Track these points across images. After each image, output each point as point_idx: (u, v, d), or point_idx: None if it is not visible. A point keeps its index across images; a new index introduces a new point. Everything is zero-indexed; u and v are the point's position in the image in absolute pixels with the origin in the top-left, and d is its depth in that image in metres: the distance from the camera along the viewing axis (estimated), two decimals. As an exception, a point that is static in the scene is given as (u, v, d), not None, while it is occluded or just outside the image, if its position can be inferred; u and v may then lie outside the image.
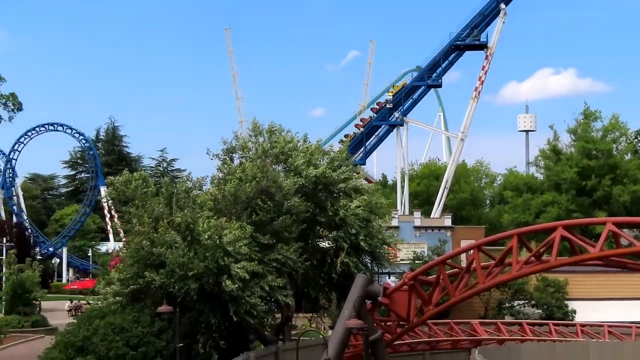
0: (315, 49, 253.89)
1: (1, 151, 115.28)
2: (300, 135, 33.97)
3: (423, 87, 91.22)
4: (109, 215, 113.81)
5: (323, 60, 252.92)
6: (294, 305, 31.39)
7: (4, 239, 76.67)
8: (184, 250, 26.48)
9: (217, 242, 25.91)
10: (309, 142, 33.77)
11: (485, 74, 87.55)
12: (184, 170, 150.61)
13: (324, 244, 33.09)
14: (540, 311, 50.26)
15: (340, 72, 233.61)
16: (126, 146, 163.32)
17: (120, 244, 49.78)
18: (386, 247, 33.71)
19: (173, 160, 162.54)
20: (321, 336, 28.09)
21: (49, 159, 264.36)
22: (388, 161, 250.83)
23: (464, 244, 40.82)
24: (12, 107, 43.07)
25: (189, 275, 25.95)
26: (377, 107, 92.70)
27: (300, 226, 29.89)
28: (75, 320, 30.41)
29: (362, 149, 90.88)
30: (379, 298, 23.58)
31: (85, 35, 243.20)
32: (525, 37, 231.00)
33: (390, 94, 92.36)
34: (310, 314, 37.14)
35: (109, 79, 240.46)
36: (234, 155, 32.94)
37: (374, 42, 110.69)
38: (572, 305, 50.57)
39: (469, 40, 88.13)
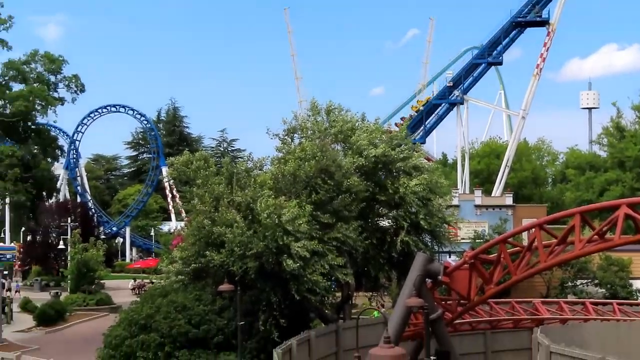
0: (374, 28, 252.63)
1: (65, 133, 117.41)
2: (359, 115, 33.92)
3: (483, 64, 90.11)
4: (170, 195, 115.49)
5: (382, 39, 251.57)
6: (354, 284, 31.43)
7: (69, 218, 78.18)
8: (244, 229, 26.63)
9: (276, 221, 25.99)
10: (367, 121, 33.65)
11: (546, 50, 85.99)
12: (243, 151, 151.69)
13: (384, 223, 33.00)
14: (603, 290, 49.53)
15: (399, 51, 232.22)
16: (187, 127, 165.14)
17: (182, 224, 50.50)
18: (446, 225, 33.47)
19: (233, 140, 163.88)
20: (373, 315, 28.06)
21: (111, 140, 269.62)
22: (448, 140, 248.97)
23: (525, 222, 40.27)
24: (75, 89, 43.82)
25: (248, 254, 26.13)
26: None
27: (359, 205, 29.84)
28: (138, 299, 30.91)
29: (422, 127, 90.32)
30: (439, 277, 23.46)
31: (146, 17, 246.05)
32: (588, 12, 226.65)
33: (450, 74, 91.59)
34: (370, 293, 37.13)
35: (170, 60, 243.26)
36: (294, 134, 33.00)
37: (433, 19, 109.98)
38: (636, 284, 49.71)
39: (530, 17, 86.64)
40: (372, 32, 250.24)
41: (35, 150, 44.34)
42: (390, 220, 32.51)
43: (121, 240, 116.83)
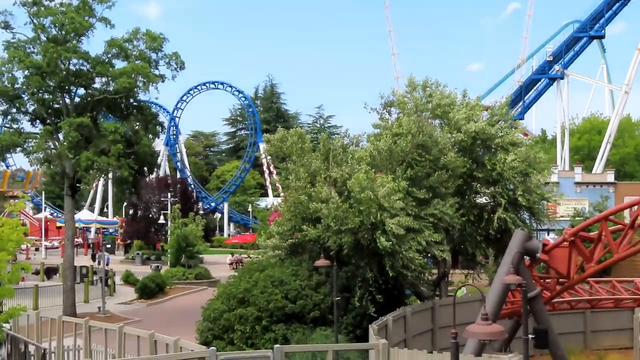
0: (473, 3, 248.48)
1: (165, 109, 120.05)
2: (460, 91, 33.60)
3: (585, 38, 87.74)
4: (267, 171, 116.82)
5: (481, 14, 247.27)
6: (450, 261, 31.24)
7: (169, 194, 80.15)
8: (339, 205, 26.73)
9: (371, 196, 25.98)
10: (468, 98, 33.28)
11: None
12: (340, 127, 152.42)
13: (481, 200, 32.64)
14: None
15: (499, 26, 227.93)
16: (284, 103, 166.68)
17: (279, 199, 51.05)
18: (545, 202, 32.86)
19: (330, 116, 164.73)
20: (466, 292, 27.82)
21: (210, 117, 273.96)
22: (548, 116, 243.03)
23: (628, 200, 39.11)
24: (175, 66, 44.51)
25: (344, 229, 26.22)
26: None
27: (456, 181, 29.59)
28: (236, 273, 31.40)
29: (521, 103, 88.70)
30: (538, 254, 23.05)
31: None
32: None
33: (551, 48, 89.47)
34: (467, 270, 36.85)
35: (268, 37, 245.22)
36: (390, 109, 32.91)
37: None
38: None
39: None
40: (470, 7, 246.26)
41: (137, 127, 45.36)
42: (487, 197, 32.15)
43: (219, 215, 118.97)
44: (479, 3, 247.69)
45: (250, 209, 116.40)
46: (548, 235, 50.37)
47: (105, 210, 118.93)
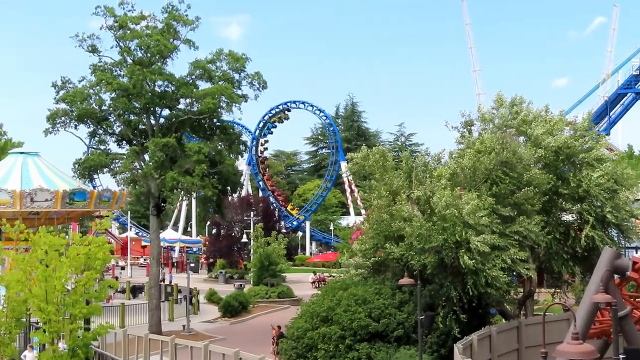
0: (556, 16, 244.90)
1: (247, 129, 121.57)
2: (542, 107, 33.28)
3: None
4: (349, 190, 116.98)
5: (565, 28, 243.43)
6: (536, 279, 30.89)
7: (251, 213, 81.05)
8: (423, 223, 26.75)
9: (456, 214, 25.94)
10: (551, 113, 32.94)
11: None
12: (421, 144, 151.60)
13: (567, 217, 32.18)
14: None
15: (584, 40, 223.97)
16: (365, 122, 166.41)
17: (361, 218, 51.16)
18: (634, 220, 32.19)
19: (411, 134, 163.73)
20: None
21: (291, 136, 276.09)
22: (635, 131, 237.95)
23: None
24: (257, 86, 45.22)
25: (427, 248, 26.23)
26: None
27: (541, 198, 29.28)
28: (319, 292, 31.64)
29: (606, 118, 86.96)
30: (628, 272, 22.66)
31: (323, 17, 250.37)
32: None
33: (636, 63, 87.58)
34: (553, 289, 36.30)
35: (347, 56, 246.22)
36: (472, 127, 32.83)
37: (617, 7, 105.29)
38: None
39: None
40: (554, 21, 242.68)
41: (220, 147, 46.21)
42: (574, 214, 31.68)
43: (301, 234, 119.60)
44: (563, 17, 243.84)
45: (332, 228, 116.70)
46: (637, 253, 49.15)
47: (189, 229, 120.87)
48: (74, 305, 25.30)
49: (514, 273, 28.14)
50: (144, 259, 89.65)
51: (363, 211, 68.17)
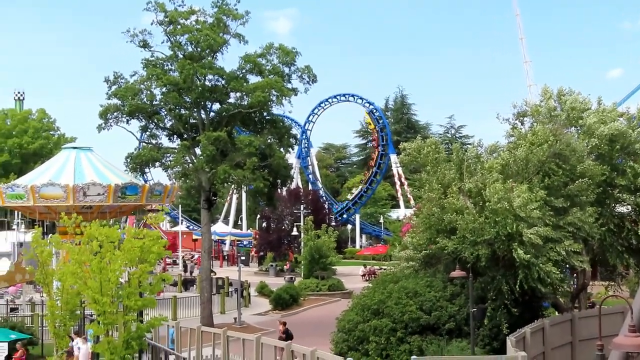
0: (611, 5, 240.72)
1: (297, 123, 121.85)
2: (595, 98, 32.85)
3: None
4: (399, 183, 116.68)
5: (620, 18, 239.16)
6: (589, 271, 30.56)
7: (301, 206, 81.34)
8: (475, 216, 26.67)
9: (507, 207, 25.80)
10: (603, 105, 32.49)
11: None
12: (471, 137, 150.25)
13: (622, 209, 31.74)
14: None
15: (638, 31, 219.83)
16: (414, 114, 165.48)
17: (411, 211, 51.09)
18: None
19: (461, 126, 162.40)
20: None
21: (340, 129, 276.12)
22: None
23: None
24: (307, 80, 45.38)
25: (480, 241, 26.14)
26: None
27: (595, 190, 28.93)
28: (370, 285, 31.69)
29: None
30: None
31: (371, 8, 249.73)
32: None
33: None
34: (607, 282, 35.86)
35: (397, 49, 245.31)
36: (524, 119, 32.56)
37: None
38: None
39: None
40: (608, 10, 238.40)
41: (270, 140, 46.48)
42: (629, 206, 31.24)
43: (351, 227, 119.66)
44: (615, 6, 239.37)
45: (381, 221, 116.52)
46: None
47: (239, 222, 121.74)
48: (128, 297, 25.68)
49: (567, 266, 27.87)
50: (188, 258, 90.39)
51: (413, 204, 68.02)
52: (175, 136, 47.13)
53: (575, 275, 31.73)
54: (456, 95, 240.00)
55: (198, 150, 45.08)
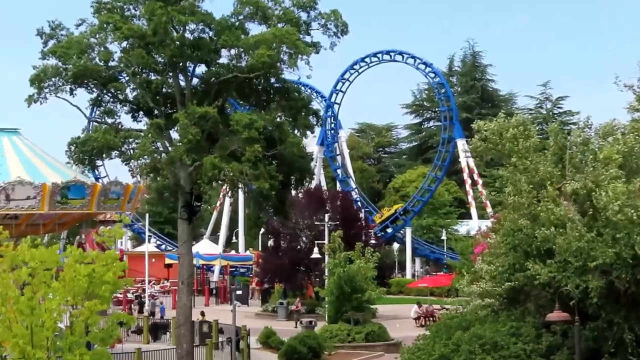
0: None
1: (320, 93, 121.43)
2: None
3: None
4: (470, 181, 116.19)
5: None
6: None
7: (326, 215, 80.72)
8: (582, 231, 26.52)
9: (633, 217, 25.63)
10: None
11: None
12: (576, 113, 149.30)
13: None
14: None
15: None
16: (492, 80, 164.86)
17: (488, 223, 50.80)
18: None
19: (560, 98, 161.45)
20: None
21: (383, 102, 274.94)
22: None
23: None
24: (335, 30, 45.05)
25: (590, 266, 25.99)
26: None
27: None
28: (427, 332, 31.62)
29: None
30: None
31: None
32: None
33: None
34: None
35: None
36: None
37: None
38: None
39: None
40: None
41: (280, 119, 46.34)
42: None
43: (398, 246, 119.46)
44: None
45: (444, 237, 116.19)
46: None
47: (233, 240, 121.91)
48: (70, 350, 25.69)
49: None
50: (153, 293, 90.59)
51: (491, 212, 67.34)
52: (141, 113, 47.15)
53: None
54: (553, 54, 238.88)
55: (175, 134, 45.06)
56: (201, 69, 46.61)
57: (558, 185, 28.34)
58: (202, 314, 59.92)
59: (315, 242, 79.86)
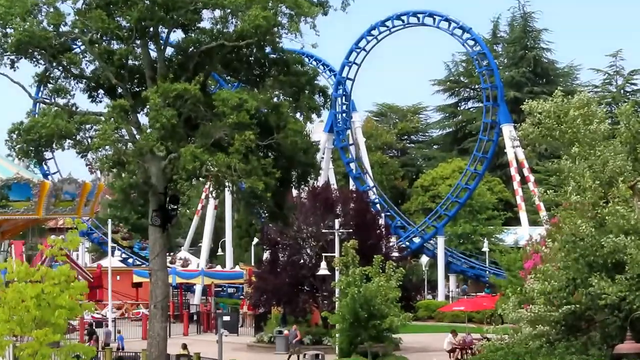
0: None
1: (329, 66, 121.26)
2: None
3: None
4: (519, 178, 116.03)
5: None
6: None
7: (336, 221, 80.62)
8: (661, 239, 26.57)
9: None
10: None
11: None
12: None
13: None
14: None
15: None
16: (547, 49, 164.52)
17: (542, 230, 50.80)
18: None
19: (634, 72, 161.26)
20: None
21: (409, 78, 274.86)
22: None
23: None
24: (348, -16, 45.21)
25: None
26: None
27: None
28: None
29: None
30: None
31: None
32: None
33: None
34: None
35: None
36: None
37: None
38: None
39: None
40: None
41: (278, 99, 46.39)
42: None
43: (427, 259, 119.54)
44: None
45: (486, 248, 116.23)
46: None
47: (219, 252, 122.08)
48: (15, 392, 25.78)
49: None
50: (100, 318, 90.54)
51: (545, 217, 67.23)
52: (101, 92, 47.23)
53: None
54: (626, 14, 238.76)
55: (144, 119, 45.12)
56: (177, 35, 46.72)
57: (631, 182, 28.35)
58: (184, 346, 59.92)
59: (323, 254, 79.94)
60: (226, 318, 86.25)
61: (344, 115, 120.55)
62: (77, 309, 27.69)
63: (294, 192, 67.11)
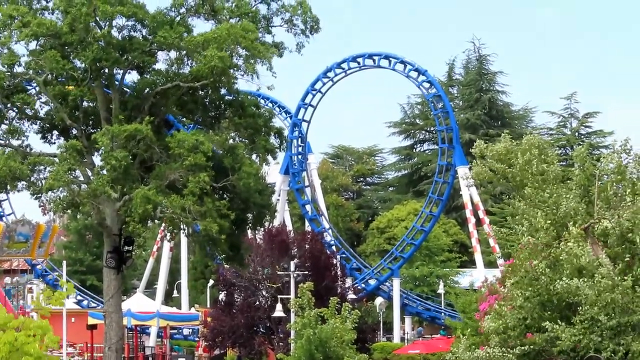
0: None
1: (283, 108, 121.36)
2: None
3: None
4: (474, 220, 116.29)
5: None
6: None
7: (292, 263, 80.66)
8: (615, 281, 26.58)
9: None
10: None
11: None
12: (609, 134, 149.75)
13: None
14: None
15: None
16: (502, 92, 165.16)
17: (497, 272, 50.85)
18: None
19: (588, 115, 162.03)
20: None
21: (365, 119, 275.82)
22: None
23: None
24: (302, 27, 45.26)
25: (627, 325, 26.04)
26: None
27: None
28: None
29: None
30: None
31: None
32: None
33: None
34: None
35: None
36: None
37: None
38: None
39: None
40: None
41: (233, 141, 46.40)
42: None
43: (384, 302, 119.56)
44: None
45: (442, 290, 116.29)
46: None
47: (175, 294, 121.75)
48: None
49: None
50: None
51: (500, 260, 67.10)
52: (55, 133, 47.04)
53: None
54: (581, 59, 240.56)
55: (98, 160, 44.94)
56: (132, 76, 46.59)
57: (585, 224, 28.37)
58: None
59: (278, 296, 79.87)
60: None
61: (299, 157, 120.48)
62: (44, 358, 27.56)
63: (250, 233, 67.02)
